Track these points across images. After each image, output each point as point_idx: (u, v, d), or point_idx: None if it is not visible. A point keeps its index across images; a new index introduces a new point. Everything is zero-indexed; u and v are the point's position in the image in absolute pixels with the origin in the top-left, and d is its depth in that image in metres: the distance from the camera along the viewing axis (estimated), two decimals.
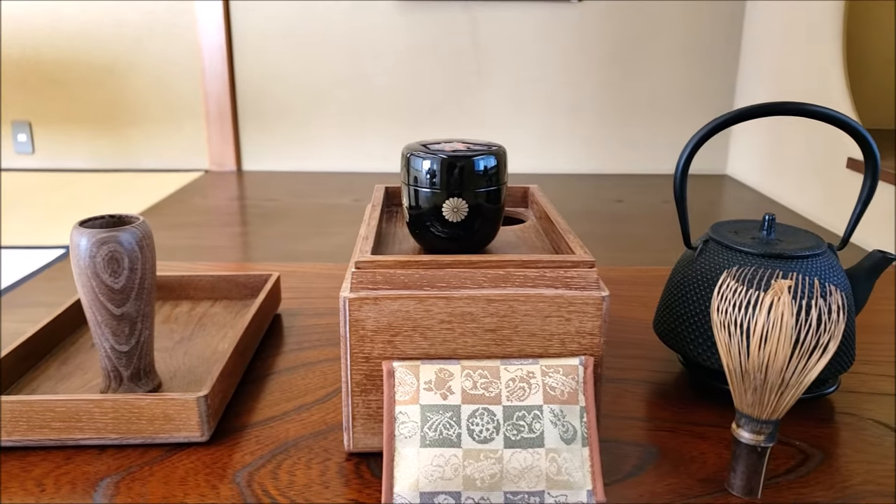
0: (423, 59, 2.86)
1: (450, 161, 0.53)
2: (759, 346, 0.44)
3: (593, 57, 2.88)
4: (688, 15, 2.85)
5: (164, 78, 2.85)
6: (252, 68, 2.85)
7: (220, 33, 2.77)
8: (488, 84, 2.90)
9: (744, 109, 0.57)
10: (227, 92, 2.83)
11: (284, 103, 2.88)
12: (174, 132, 2.91)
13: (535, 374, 0.48)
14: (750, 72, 2.84)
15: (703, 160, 3.02)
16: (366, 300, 0.48)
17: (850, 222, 0.60)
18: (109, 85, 2.87)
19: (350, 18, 2.81)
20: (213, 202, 2.60)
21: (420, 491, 0.46)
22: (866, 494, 0.48)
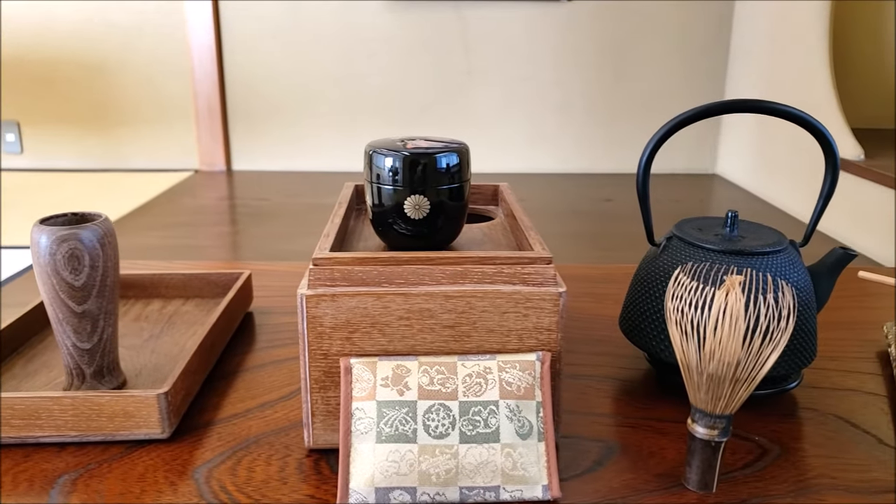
0: (414, 58, 2.86)
1: (411, 158, 0.53)
2: (711, 341, 0.44)
3: (583, 56, 2.89)
4: (677, 15, 2.85)
5: (154, 78, 2.85)
6: (242, 68, 2.84)
7: (210, 33, 2.77)
8: (479, 83, 2.90)
9: (703, 107, 0.57)
10: (216, 91, 2.83)
11: (274, 103, 2.88)
12: (164, 132, 2.91)
13: (492, 369, 0.48)
14: (739, 71, 2.85)
15: (692, 159, 3.03)
16: (323, 297, 0.48)
17: (812, 218, 0.61)
18: (99, 85, 2.86)
19: (340, 18, 2.81)
20: (202, 202, 2.59)
21: (375, 486, 0.46)
22: (820, 488, 0.48)
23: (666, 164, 3.01)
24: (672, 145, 3.01)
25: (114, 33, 2.79)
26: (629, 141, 2.98)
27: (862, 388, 0.62)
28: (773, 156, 2.62)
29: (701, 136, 3.01)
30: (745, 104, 0.56)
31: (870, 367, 0.66)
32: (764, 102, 0.57)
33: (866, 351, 0.69)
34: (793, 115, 0.57)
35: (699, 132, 3.00)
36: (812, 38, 2.32)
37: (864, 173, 2.06)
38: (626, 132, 2.97)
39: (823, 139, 0.57)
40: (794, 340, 0.57)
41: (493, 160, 2.97)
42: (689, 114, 0.57)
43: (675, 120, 0.57)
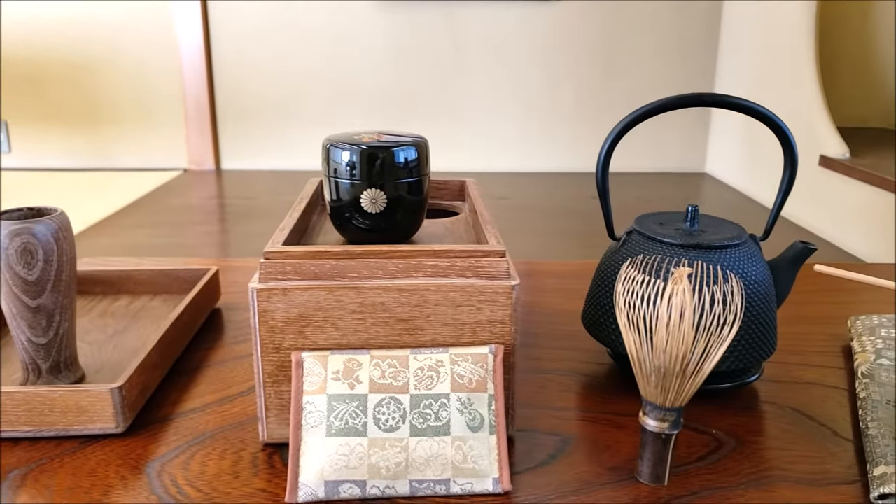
0: (403, 57, 2.86)
1: (367, 152, 0.53)
2: (659, 334, 0.44)
3: (572, 56, 2.89)
4: (666, 14, 2.86)
5: (142, 77, 2.84)
6: (231, 67, 2.84)
7: (198, 32, 2.76)
8: (468, 83, 2.90)
9: (659, 102, 0.57)
10: (205, 91, 2.82)
11: (264, 102, 2.88)
12: (152, 131, 2.90)
13: (444, 362, 0.48)
14: (728, 70, 2.86)
15: (681, 158, 3.04)
16: (274, 291, 0.48)
17: (773, 212, 0.61)
18: (87, 84, 2.85)
19: (329, 17, 2.80)
20: (190, 201, 2.59)
21: (325, 480, 0.46)
22: (771, 480, 0.48)
23: (656, 163, 3.02)
24: (662, 145, 3.02)
25: (101, 32, 2.79)
26: None
27: (822, 382, 0.62)
28: (761, 155, 2.63)
29: (690, 135, 3.02)
30: (702, 98, 0.56)
31: (832, 362, 0.66)
32: (721, 96, 0.57)
33: (830, 345, 0.69)
34: (751, 110, 0.57)
35: (689, 132, 3.01)
36: (798, 38, 2.33)
37: (849, 172, 2.07)
38: None
39: (782, 133, 0.57)
40: (753, 334, 0.57)
41: (483, 159, 2.97)
42: (646, 109, 0.57)
43: (632, 115, 0.57)
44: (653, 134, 2.97)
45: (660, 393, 0.46)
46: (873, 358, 0.62)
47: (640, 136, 2.98)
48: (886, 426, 0.51)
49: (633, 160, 3.00)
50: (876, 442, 0.50)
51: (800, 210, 2.31)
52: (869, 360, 0.61)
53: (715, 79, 2.94)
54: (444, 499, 0.46)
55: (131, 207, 2.45)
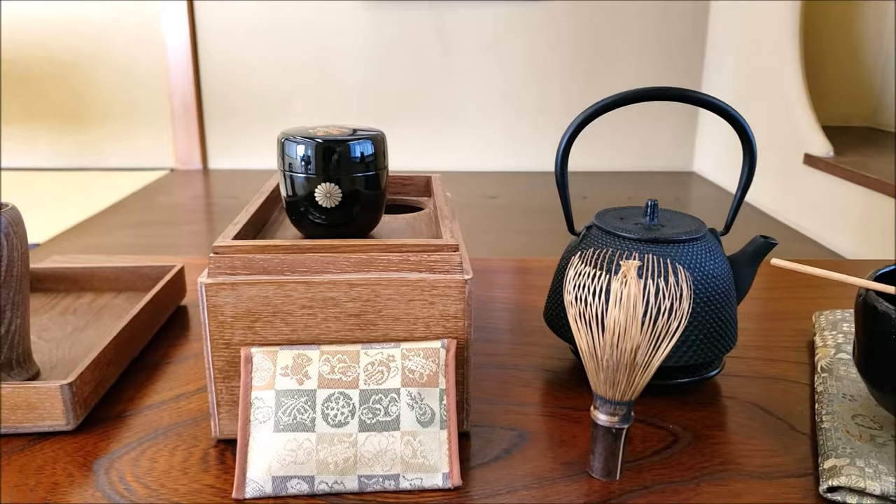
0: (390, 57, 2.86)
1: (321, 146, 0.53)
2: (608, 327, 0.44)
3: (559, 55, 2.89)
4: (653, 14, 2.86)
5: (129, 76, 2.83)
6: (217, 66, 2.83)
7: (185, 31, 2.75)
8: (455, 83, 2.90)
9: (624, 94, 0.57)
10: (192, 90, 2.81)
11: (251, 101, 2.87)
12: (139, 130, 2.89)
13: (396, 357, 0.48)
14: (715, 69, 2.86)
15: (669, 157, 3.04)
16: (223, 285, 0.48)
17: (732, 207, 0.61)
18: (73, 83, 2.84)
19: (316, 16, 2.80)
20: (177, 200, 2.58)
21: (272, 476, 0.45)
22: (723, 474, 0.48)
23: (644, 162, 3.02)
24: (651, 144, 3.03)
25: (87, 31, 2.77)
26: (606, 139, 2.98)
27: (784, 377, 0.62)
28: None
29: (679, 135, 3.02)
30: (665, 92, 0.56)
31: (796, 357, 0.66)
32: (680, 91, 0.57)
33: (795, 340, 0.69)
34: (710, 104, 0.57)
35: (677, 132, 3.02)
36: (783, 38, 2.33)
37: (832, 170, 2.07)
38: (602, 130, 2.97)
39: (740, 127, 0.57)
40: (712, 328, 0.57)
41: (471, 159, 2.97)
42: (604, 103, 0.57)
43: (589, 110, 0.57)
44: (642, 134, 2.98)
45: (610, 387, 0.46)
46: (833, 352, 0.62)
47: (630, 135, 2.99)
48: (840, 420, 0.51)
49: (622, 160, 3.01)
50: (829, 435, 0.50)
51: (784, 208, 2.32)
52: (829, 355, 0.61)
53: (702, 78, 2.95)
54: (393, 494, 0.46)
55: (116, 207, 2.44)
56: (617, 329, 0.44)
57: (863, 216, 1.94)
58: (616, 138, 2.98)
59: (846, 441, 0.49)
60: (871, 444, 0.48)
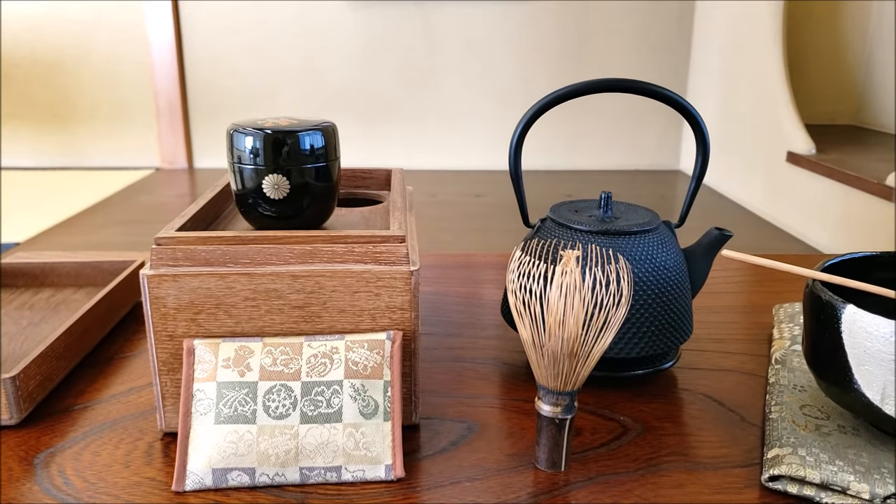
0: (376, 55, 2.85)
1: (269, 137, 0.52)
2: (548, 317, 0.44)
3: (546, 54, 2.89)
4: (639, 13, 2.87)
5: (113, 74, 2.82)
6: (202, 65, 2.82)
7: (169, 29, 2.74)
8: (442, 81, 2.90)
9: (576, 85, 0.57)
10: (177, 88, 2.80)
11: (236, 99, 2.86)
12: (124, 129, 2.88)
13: (339, 349, 0.48)
14: (701, 68, 2.87)
15: (656, 156, 3.05)
16: (165, 277, 0.47)
17: (687, 198, 0.61)
18: (56, 82, 2.82)
19: (302, 15, 2.79)
20: (161, 199, 2.57)
21: (212, 468, 0.45)
22: (667, 464, 0.48)
23: (631, 160, 3.02)
24: (636, 143, 3.03)
25: (70, 29, 2.76)
26: (592, 138, 2.99)
27: (740, 369, 0.62)
28: (730, 152, 2.64)
29: (665, 134, 3.03)
30: (616, 83, 0.56)
31: (754, 349, 0.66)
32: (634, 82, 0.57)
33: (754, 333, 0.69)
34: (664, 97, 0.57)
35: (663, 130, 3.02)
36: (767, 37, 2.34)
37: (814, 168, 2.08)
38: (589, 129, 2.98)
39: (693, 120, 0.57)
40: (665, 319, 0.57)
41: (458, 157, 2.96)
42: (556, 95, 0.56)
43: (541, 102, 0.57)
44: (627, 132, 2.98)
45: (552, 377, 0.46)
46: (788, 344, 0.62)
47: (615, 134, 2.99)
48: (788, 410, 0.51)
49: (608, 158, 3.01)
50: (775, 425, 0.50)
51: (767, 205, 2.33)
52: (784, 347, 0.61)
53: (688, 77, 2.96)
54: (335, 486, 0.46)
55: (100, 206, 2.42)
56: (557, 319, 0.44)
57: (843, 213, 1.94)
58: (602, 137, 2.98)
59: (791, 431, 0.49)
60: (816, 433, 0.48)
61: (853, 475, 0.44)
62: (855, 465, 0.45)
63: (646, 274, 0.56)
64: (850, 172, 1.92)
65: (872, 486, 0.43)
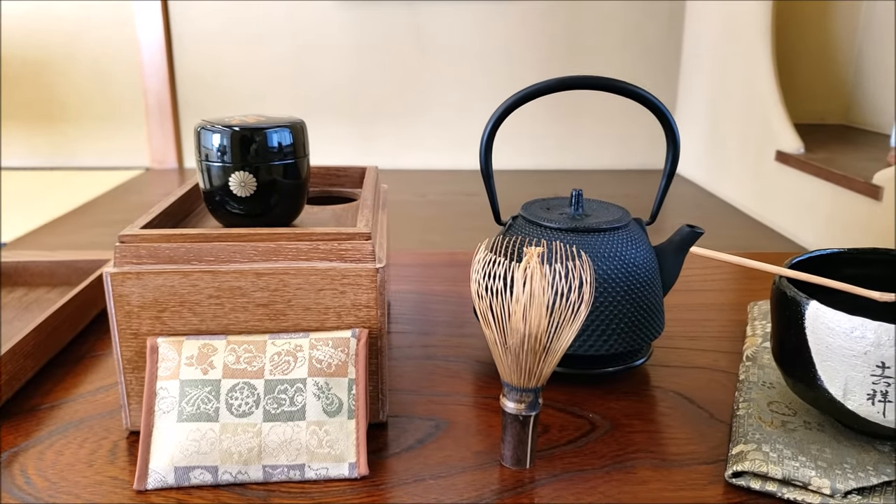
0: (367, 55, 2.85)
1: (235, 134, 0.52)
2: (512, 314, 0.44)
3: (536, 53, 2.90)
4: (629, 12, 2.87)
5: (102, 74, 2.81)
6: (192, 64, 2.81)
7: (159, 28, 2.73)
8: (432, 80, 2.90)
9: (545, 83, 0.57)
10: (167, 88, 2.79)
11: (226, 99, 2.85)
12: (113, 129, 2.87)
13: (303, 347, 0.48)
14: (691, 68, 2.87)
15: (648, 156, 3.05)
16: (128, 275, 0.47)
17: (658, 196, 0.61)
18: (45, 81, 2.81)
19: (292, 14, 2.79)
20: (149, 199, 2.56)
21: (175, 466, 0.45)
22: (633, 461, 0.48)
23: (622, 160, 3.03)
24: (628, 142, 3.03)
25: (59, 29, 2.75)
26: (583, 138, 2.99)
27: (712, 366, 0.62)
28: (721, 152, 2.64)
29: (656, 133, 3.03)
30: (581, 81, 0.56)
31: (727, 347, 0.66)
32: (605, 80, 0.57)
33: (729, 331, 0.69)
34: (635, 94, 0.57)
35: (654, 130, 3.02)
36: (756, 36, 2.35)
37: (802, 167, 2.09)
38: (580, 129, 2.98)
39: (663, 117, 0.57)
40: (636, 316, 0.56)
41: (449, 157, 2.96)
42: (526, 92, 0.56)
43: (511, 99, 0.57)
44: (619, 132, 2.99)
45: (515, 374, 0.46)
46: (760, 341, 0.62)
47: (607, 133, 2.99)
48: (756, 406, 0.51)
49: (600, 158, 3.01)
50: (741, 422, 0.50)
51: (757, 204, 2.33)
52: (756, 344, 0.62)
53: (679, 77, 2.96)
54: (299, 484, 0.46)
55: (89, 206, 2.42)
56: (520, 315, 0.44)
57: (831, 212, 1.95)
58: (593, 136, 2.98)
59: (757, 427, 0.49)
60: (782, 429, 0.49)
61: (815, 470, 0.44)
62: (818, 460, 0.45)
63: (615, 271, 0.56)
64: (838, 171, 1.93)
65: (833, 481, 0.43)
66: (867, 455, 0.46)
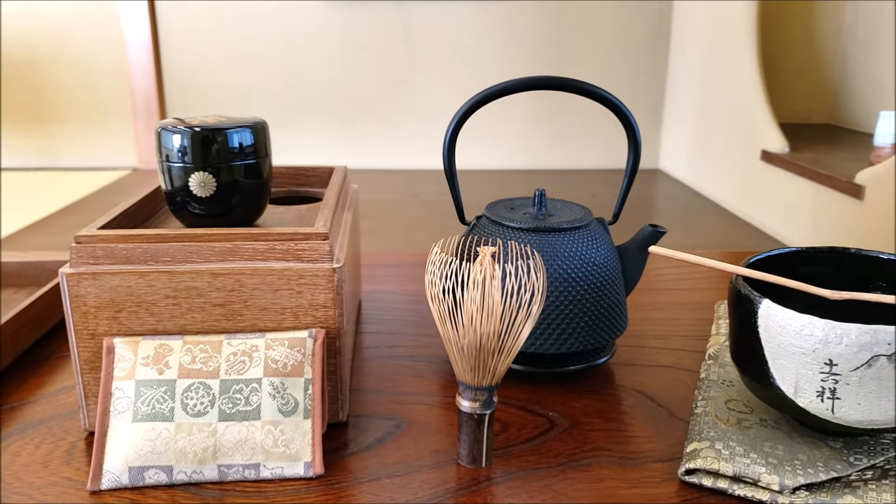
0: (356, 55, 2.85)
1: (196, 135, 0.52)
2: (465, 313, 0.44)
3: (525, 53, 2.90)
4: (618, 13, 2.88)
5: (89, 74, 2.80)
6: (179, 64, 2.81)
7: (146, 28, 2.72)
8: (421, 80, 2.90)
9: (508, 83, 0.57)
10: (154, 88, 2.78)
11: (213, 99, 2.84)
12: (100, 129, 2.86)
13: (259, 347, 0.48)
14: (679, 67, 2.88)
15: None
16: (84, 275, 0.47)
17: (620, 196, 0.61)
18: (31, 81, 2.80)
19: (280, 14, 2.78)
20: None
21: (129, 466, 0.45)
22: (590, 459, 0.48)
23: (610, 159, 3.04)
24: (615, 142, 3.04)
25: (45, 28, 2.74)
26: (572, 137, 3.00)
27: (677, 365, 0.62)
28: (708, 151, 2.65)
29: (644, 132, 3.04)
30: (546, 81, 0.57)
31: (694, 346, 0.66)
32: (568, 81, 0.57)
33: (698, 330, 0.69)
34: (595, 94, 0.57)
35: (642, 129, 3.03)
36: (741, 37, 2.36)
37: (787, 166, 2.10)
38: (569, 128, 2.99)
39: (624, 118, 0.58)
40: (597, 315, 0.57)
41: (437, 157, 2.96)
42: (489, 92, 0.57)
43: (473, 99, 0.57)
44: (606, 131, 2.99)
45: (470, 372, 0.46)
46: (723, 340, 0.62)
47: (594, 133, 3.00)
48: (713, 405, 0.52)
49: (587, 157, 3.02)
50: (697, 420, 0.50)
51: (743, 203, 2.34)
52: (718, 343, 0.62)
53: (667, 75, 2.97)
54: (254, 483, 0.46)
55: (74, 207, 2.41)
56: (473, 315, 0.44)
57: (815, 211, 1.96)
58: (582, 136, 2.99)
59: (712, 425, 0.49)
60: (737, 427, 0.49)
61: (765, 467, 0.44)
62: (769, 457, 0.45)
63: (576, 270, 0.56)
64: (822, 171, 1.94)
65: (782, 477, 0.43)
66: (819, 451, 0.46)
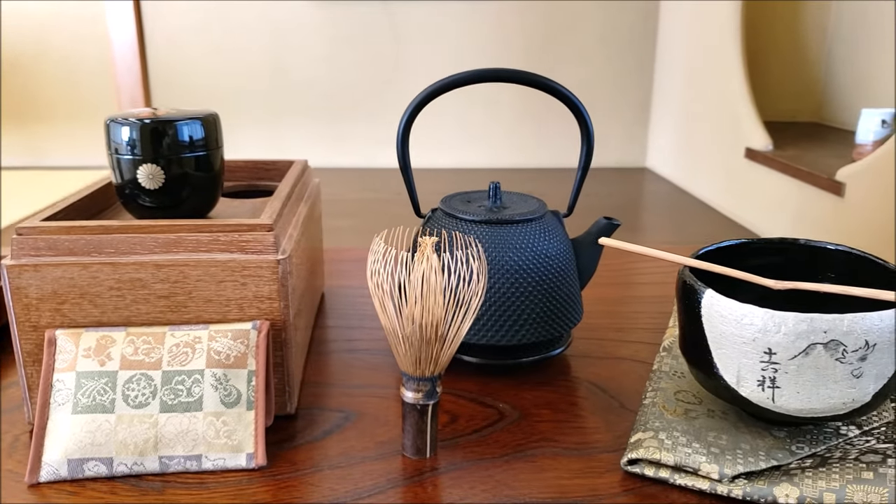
0: (342, 53, 2.85)
1: (145, 127, 0.52)
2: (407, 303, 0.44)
3: (511, 51, 2.90)
4: (605, 12, 2.88)
5: (73, 73, 2.79)
6: (165, 63, 2.80)
7: (131, 26, 2.72)
8: (408, 79, 2.90)
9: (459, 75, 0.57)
10: (139, 86, 2.77)
11: (200, 98, 2.84)
12: (85, 128, 2.85)
13: (202, 339, 0.48)
14: (666, 66, 2.89)
15: (623, 153, 3.07)
16: (25, 267, 0.47)
17: (574, 189, 0.61)
18: (15, 80, 2.79)
19: (266, 12, 2.78)
20: None
21: (68, 458, 0.45)
22: (535, 450, 0.48)
23: (598, 158, 3.04)
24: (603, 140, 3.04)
25: (29, 26, 2.73)
26: (559, 135, 3.00)
27: (633, 357, 0.62)
28: (693, 149, 2.66)
29: (631, 131, 3.05)
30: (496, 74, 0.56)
31: (651, 338, 0.66)
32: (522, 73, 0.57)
33: (658, 323, 0.70)
34: (550, 88, 0.57)
35: (629, 127, 3.04)
36: (726, 35, 2.36)
37: (770, 163, 2.10)
38: (555, 126, 2.99)
39: (577, 110, 0.58)
40: (550, 307, 0.57)
41: (424, 155, 2.96)
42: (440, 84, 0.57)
43: (425, 91, 0.57)
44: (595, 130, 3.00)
45: (412, 363, 0.46)
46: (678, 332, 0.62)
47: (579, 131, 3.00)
48: (662, 396, 0.52)
49: (575, 155, 3.02)
50: (644, 411, 0.50)
51: (727, 200, 2.35)
52: (674, 335, 0.62)
53: (654, 74, 2.98)
54: (196, 475, 0.45)
55: None
56: (414, 305, 0.44)
57: (797, 208, 1.97)
58: (568, 134, 2.99)
59: (658, 416, 0.49)
60: (684, 417, 0.49)
61: (706, 456, 0.44)
62: (711, 447, 0.45)
63: (528, 261, 0.56)
64: (804, 168, 1.95)
65: (722, 466, 0.43)
66: (762, 441, 0.47)
